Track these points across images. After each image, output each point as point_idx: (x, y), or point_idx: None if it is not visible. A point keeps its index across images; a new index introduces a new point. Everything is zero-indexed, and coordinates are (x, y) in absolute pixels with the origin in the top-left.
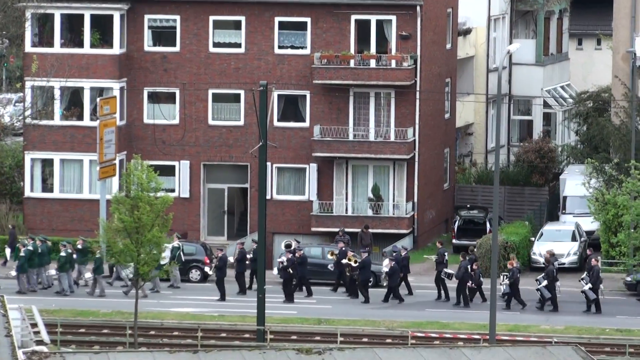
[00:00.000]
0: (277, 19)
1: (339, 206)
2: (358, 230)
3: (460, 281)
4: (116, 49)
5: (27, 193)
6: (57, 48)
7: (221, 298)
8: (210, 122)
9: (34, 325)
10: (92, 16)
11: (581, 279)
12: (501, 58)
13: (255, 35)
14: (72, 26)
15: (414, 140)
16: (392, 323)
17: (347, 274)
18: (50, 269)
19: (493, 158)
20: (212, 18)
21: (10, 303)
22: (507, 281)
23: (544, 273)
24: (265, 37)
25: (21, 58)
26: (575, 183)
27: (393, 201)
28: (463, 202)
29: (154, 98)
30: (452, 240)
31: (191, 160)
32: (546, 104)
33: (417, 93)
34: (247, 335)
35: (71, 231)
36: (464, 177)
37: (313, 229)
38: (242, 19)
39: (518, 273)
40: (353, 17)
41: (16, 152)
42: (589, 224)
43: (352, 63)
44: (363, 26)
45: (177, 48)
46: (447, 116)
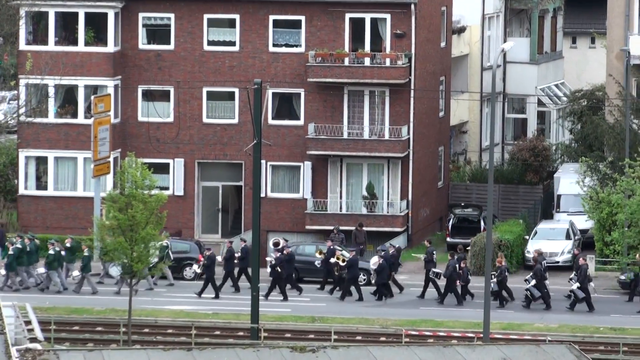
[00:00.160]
0: (272, 17)
1: (334, 204)
2: (352, 228)
3: (448, 280)
4: (110, 47)
5: (22, 191)
6: (52, 46)
7: (216, 296)
8: (204, 120)
9: (28, 322)
10: (87, 14)
11: (570, 279)
12: (495, 56)
13: (249, 33)
14: (67, 24)
15: (409, 138)
16: (386, 321)
17: (336, 273)
18: (39, 267)
19: (487, 156)
20: (207, 16)
21: (4, 300)
22: (495, 279)
23: (532, 272)
24: (259, 35)
25: (15, 56)
26: (569, 181)
27: (387, 199)
28: (457, 200)
29: (148, 96)
30: (447, 238)
31: (185, 158)
32: (540, 103)
33: (412, 91)
34: (241, 333)
35: (65, 229)
36: (459, 175)
37: (307, 227)
38: (237, 17)
39: (506, 271)
40: (347, 16)
41: (10, 150)
42: (583, 223)
43: (347, 61)
44: (357, 24)
45: (172, 46)
46: (442, 114)
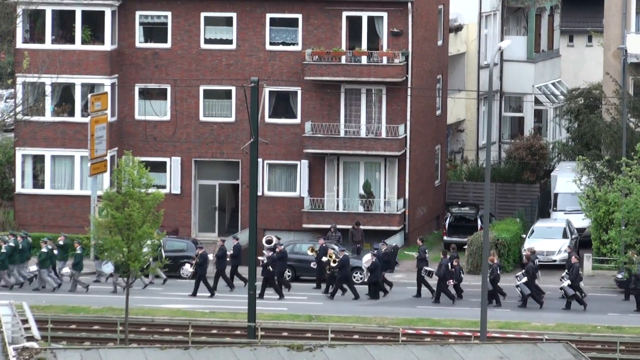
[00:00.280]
0: (269, 16)
1: (330, 203)
2: (349, 226)
3: (441, 279)
4: (107, 46)
5: (18, 189)
6: (49, 44)
7: (211, 295)
8: (201, 119)
9: (25, 321)
10: (84, 12)
11: (562, 278)
12: (492, 55)
13: (246, 31)
14: (64, 22)
15: (405, 136)
16: (383, 320)
17: (328, 272)
18: (31, 265)
19: (484, 155)
20: (204, 14)
21: (1, 299)
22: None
23: (524, 270)
24: (256, 34)
25: (12, 54)
26: (566, 180)
27: (384, 198)
28: (454, 199)
29: (145, 94)
30: (443, 237)
31: (182, 156)
32: (537, 101)
33: (409, 90)
34: (238, 331)
35: (62, 227)
36: (455, 174)
37: (304, 226)
38: (234, 16)
39: (498, 270)
40: (344, 14)
41: (7, 148)
42: (580, 221)
43: (344, 59)
44: (354, 23)
45: (169, 44)
46: (439, 113)
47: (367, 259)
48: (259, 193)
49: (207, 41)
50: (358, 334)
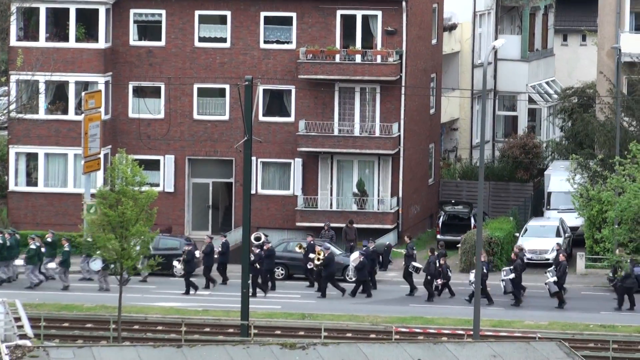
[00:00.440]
0: (263, 14)
1: (324, 201)
2: (343, 225)
3: (428, 276)
4: (101, 43)
5: (12, 187)
6: (43, 42)
7: (186, 292)
8: (195, 117)
9: (18, 319)
10: (78, 10)
11: (547, 271)
12: (486, 54)
13: (240, 30)
14: (58, 20)
15: (399, 135)
16: (376, 318)
17: (315, 269)
18: (18, 261)
19: (478, 153)
20: (198, 13)
21: None
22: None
23: (512, 267)
24: (250, 32)
25: (6, 52)
26: (559, 179)
27: (378, 196)
28: (448, 198)
29: (139, 92)
30: (437, 235)
31: (176, 154)
32: (531, 100)
33: (403, 88)
34: (231, 330)
35: (55, 225)
36: (449, 173)
37: (298, 224)
38: (228, 14)
39: (486, 268)
40: (338, 12)
41: (0, 146)
42: (574, 220)
43: (338, 58)
44: (348, 21)
45: (163, 42)
46: (432, 111)
47: (355, 258)
48: (253, 191)
49: (201, 39)
50: (351, 332)
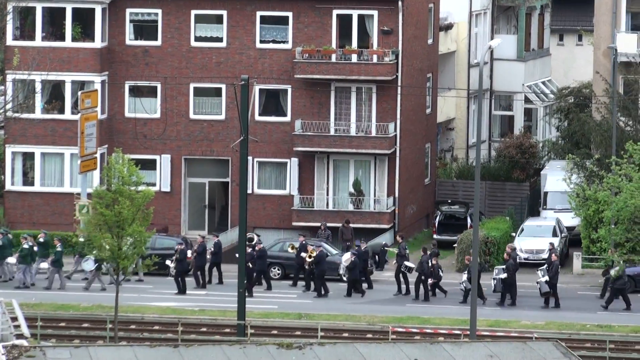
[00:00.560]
0: (259, 14)
1: (320, 201)
2: (339, 225)
3: (420, 275)
4: (98, 43)
5: (8, 186)
6: (39, 41)
7: (179, 292)
8: (191, 116)
9: (14, 319)
10: (74, 9)
11: (540, 269)
12: (482, 53)
13: (236, 29)
14: (54, 20)
15: (395, 135)
16: (373, 318)
17: (306, 268)
18: (10, 260)
19: (474, 153)
20: (194, 12)
21: None
22: (466, 276)
23: (504, 267)
24: (246, 32)
25: (2, 51)
26: (556, 179)
27: (374, 196)
28: (444, 197)
29: (135, 92)
30: (433, 235)
31: (172, 154)
32: (527, 100)
33: (399, 88)
34: (228, 329)
35: (52, 225)
36: (445, 172)
37: (294, 224)
38: (224, 13)
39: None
40: (335, 12)
41: None
42: (570, 220)
43: (334, 58)
44: (345, 21)
45: (159, 42)
46: (429, 111)
47: (347, 258)
48: (249, 191)
49: (198, 39)
50: (348, 332)
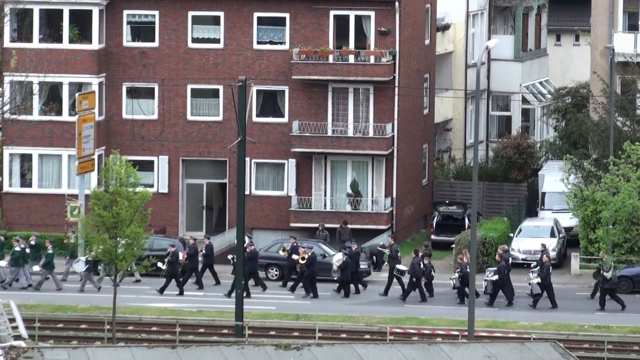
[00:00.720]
0: (256, 15)
1: (318, 202)
2: (337, 225)
3: (412, 277)
4: (95, 45)
5: (6, 188)
6: (36, 43)
7: (180, 293)
8: (189, 118)
9: (12, 320)
10: (71, 11)
11: (532, 271)
12: (480, 54)
13: (234, 30)
14: (51, 21)
15: (393, 135)
16: (371, 319)
17: (298, 269)
18: (2, 262)
19: (472, 154)
20: (191, 13)
21: None
22: (457, 275)
23: (496, 268)
24: (244, 33)
25: (0, 53)
26: (554, 179)
27: (372, 197)
28: (442, 198)
29: (133, 93)
30: (431, 236)
31: (170, 155)
32: (525, 100)
33: (396, 89)
34: (226, 330)
35: (49, 226)
36: (443, 173)
37: (292, 225)
38: (221, 15)
39: (467, 268)
40: (332, 13)
41: None
42: (568, 220)
43: (331, 59)
44: (342, 22)
45: (156, 43)
46: (426, 112)
47: (338, 258)
48: (247, 192)
49: (195, 40)
50: (345, 333)
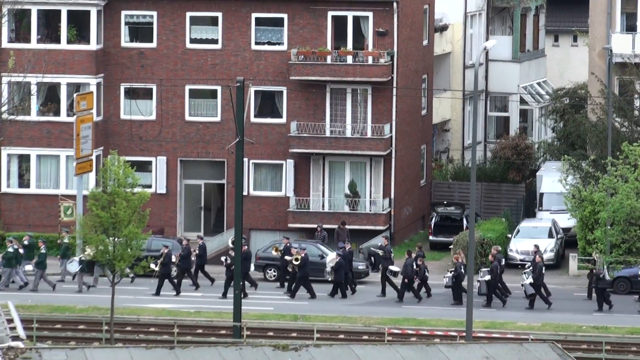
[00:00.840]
0: (254, 15)
1: (316, 202)
2: (335, 226)
3: (405, 278)
4: (93, 45)
5: (4, 189)
6: (34, 44)
7: (177, 293)
8: (187, 118)
9: (10, 320)
10: (69, 12)
11: (524, 272)
12: (478, 54)
13: (232, 31)
14: (49, 22)
15: (391, 136)
16: (369, 320)
17: (290, 270)
18: None
19: (470, 154)
20: (189, 14)
21: None
22: (449, 274)
23: (489, 269)
24: (242, 33)
25: None
26: (551, 180)
27: (370, 197)
28: (440, 199)
29: (131, 94)
30: (429, 236)
31: (168, 156)
32: (523, 101)
33: (394, 89)
34: (224, 331)
35: (47, 227)
36: (441, 174)
37: (290, 225)
38: (219, 15)
39: (462, 268)
40: (330, 14)
41: None
42: (566, 221)
43: (329, 59)
44: (340, 22)
45: (154, 44)
46: (424, 112)
47: (332, 258)
48: (245, 193)
49: (193, 41)
50: (344, 334)
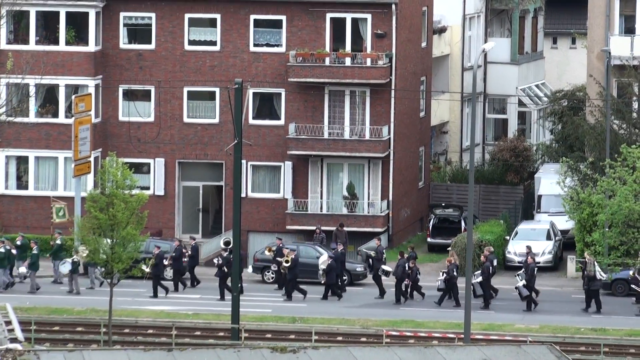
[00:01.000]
0: (253, 17)
1: (314, 204)
2: (333, 228)
3: (398, 279)
4: (91, 47)
5: (2, 190)
6: (33, 45)
7: (154, 295)
8: (185, 120)
9: (8, 323)
10: (68, 13)
11: (517, 275)
12: (476, 57)
13: (230, 33)
14: (48, 23)
15: (389, 138)
16: (367, 322)
17: (282, 271)
18: None
19: (468, 156)
20: (188, 16)
21: None
22: (442, 276)
23: (480, 270)
24: (240, 35)
25: None
26: (550, 182)
27: (368, 199)
28: (438, 201)
29: (129, 95)
30: (427, 238)
31: (166, 157)
32: (521, 103)
33: (392, 91)
34: (222, 333)
35: (45, 229)
36: (439, 176)
37: (288, 227)
38: (218, 17)
39: (454, 271)
40: (328, 15)
41: None
42: (564, 223)
43: (328, 61)
44: (338, 24)
45: (153, 46)
46: (422, 114)
47: (324, 260)
48: (243, 194)
49: (191, 42)
50: (342, 336)
